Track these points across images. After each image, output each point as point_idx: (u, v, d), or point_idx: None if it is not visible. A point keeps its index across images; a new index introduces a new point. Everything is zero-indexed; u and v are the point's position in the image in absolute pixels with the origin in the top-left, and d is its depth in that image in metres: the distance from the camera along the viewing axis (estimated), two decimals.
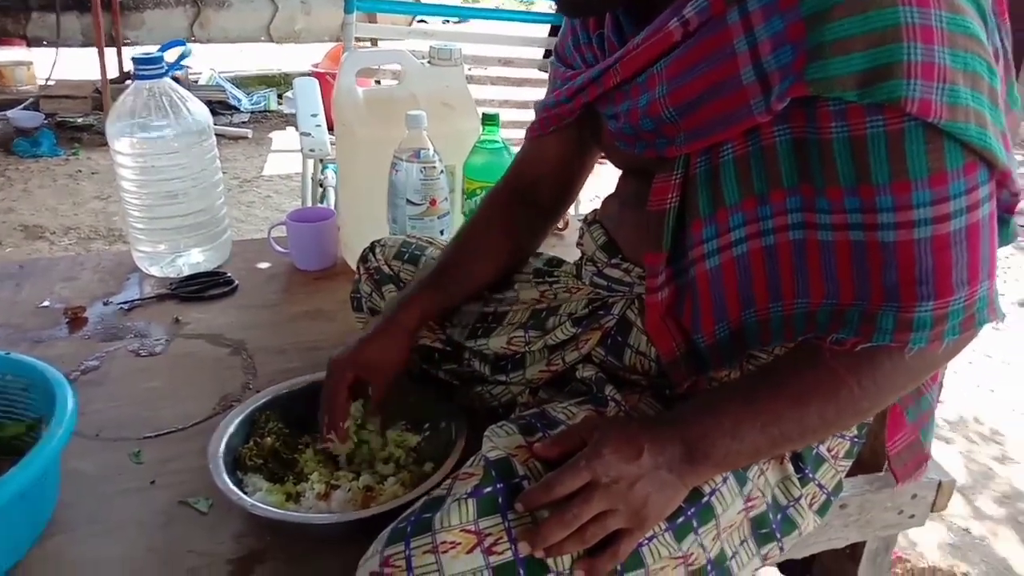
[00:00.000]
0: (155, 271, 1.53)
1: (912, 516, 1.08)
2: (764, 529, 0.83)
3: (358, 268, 1.20)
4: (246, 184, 3.89)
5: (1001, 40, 0.72)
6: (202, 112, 1.49)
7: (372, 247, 1.19)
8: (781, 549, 0.84)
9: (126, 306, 1.42)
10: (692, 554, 0.77)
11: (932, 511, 1.08)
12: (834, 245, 0.71)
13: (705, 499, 0.78)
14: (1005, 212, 0.75)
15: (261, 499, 0.88)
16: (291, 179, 3.84)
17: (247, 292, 1.50)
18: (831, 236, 0.71)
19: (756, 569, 0.84)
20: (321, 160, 2.04)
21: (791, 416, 0.74)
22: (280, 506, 0.88)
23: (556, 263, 1.08)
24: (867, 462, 1.08)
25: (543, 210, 1.09)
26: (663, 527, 0.76)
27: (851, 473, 1.10)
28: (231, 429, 0.96)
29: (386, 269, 1.15)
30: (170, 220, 1.50)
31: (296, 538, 0.90)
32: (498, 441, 0.78)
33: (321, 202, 2.24)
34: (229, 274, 1.53)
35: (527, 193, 1.07)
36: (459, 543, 0.71)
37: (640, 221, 0.85)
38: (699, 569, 0.79)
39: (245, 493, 0.89)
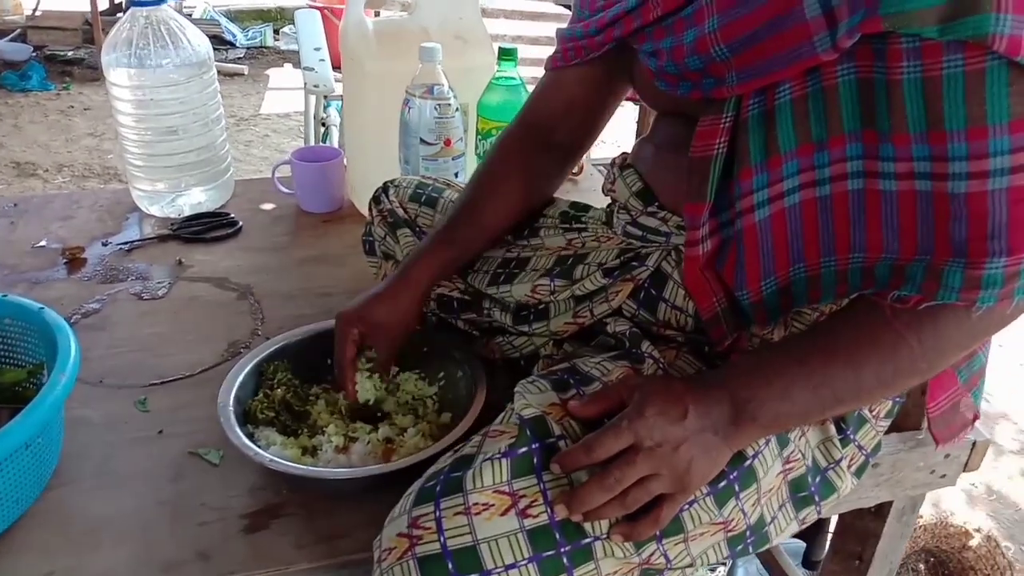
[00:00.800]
0: (155, 211, 1.47)
1: (944, 476, 1.05)
2: (803, 492, 0.79)
3: (370, 209, 1.14)
4: (243, 123, 3.79)
5: None
6: (203, 43, 1.41)
7: (385, 188, 1.13)
8: (819, 513, 0.81)
9: (126, 247, 1.36)
10: (732, 519, 0.74)
11: (964, 471, 1.05)
12: (897, 196, 0.66)
13: (748, 462, 0.74)
14: None
15: (276, 453, 0.85)
16: (290, 118, 3.74)
17: (251, 234, 1.44)
18: (895, 186, 0.66)
19: (792, 533, 0.81)
20: (324, 97, 1.96)
21: (846, 377, 0.70)
22: (297, 460, 0.85)
23: (583, 207, 1.02)
24: (900, 421, 1.05)
25: (561, 152, 1.02)
26: (704, 491, 0.72)
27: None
28: (239, 380, 0.91)
29: (400, 212, 1.09)
30: (170, 157, 1.44)
31: (314, 492, 0.86)
32: (531, 398, 0.74)
33: (323, 141, 2.17)
34: (232, 215, 1.47)
35: (544, 132, 1.00)
36: (492, 504, 0.67)
37: (680, 167, 0.79)
38: (738, 535, 0.75)
39: (258, 447, 0.85)
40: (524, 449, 0.69)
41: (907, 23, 0.59)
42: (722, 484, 0.73)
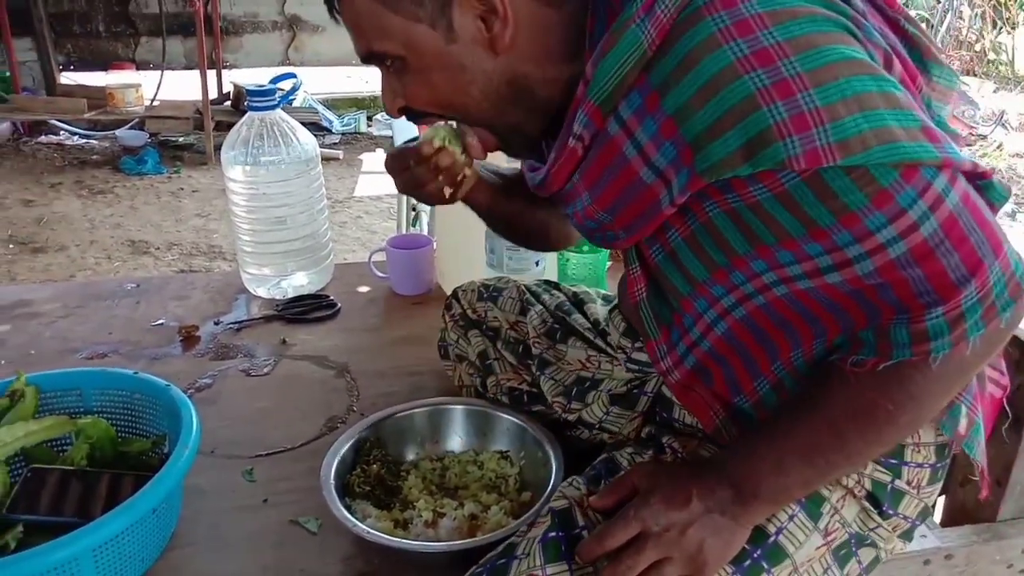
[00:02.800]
0: (262, 292, 1.60)
1: (1022, 571, 1.04)
2: (843, 551, 0.81)
3: (443, 317, 1.24)
4: (338, 205, 4.01)
5: (892, 32, 0.72)
6: (310, 142, 1.56)
7: (455, 295, 1.22)
8: (860, 565, 0.83)
9: (236, 326, 1.49)
10: None
11: None
12: (820, 289, 0.71)
13: (771, 539, 0.77)
14: (980, 178, 0.69)
15: (371, 525, 0.91)
16: (381, 200, 3.95)
17: (349, 315, 1.55)
18: (811, 283, 0.71)
19: None
20: None
21: (832, 444, 0.73)
22: (390, 533, 0.91)
23: (605, 331, 1.05)
24: (972, 511, 1.05)
25: None
26: (729, 571, 0.76)
27: (957, 522, 1.07)
28: (339, 456, 0.99)
29: (471, 314, 1.18)
30: (277, 244, 1.57)
31: (402, 564, 0.92)
32: (566, 491, 0.81)
33: (413, 226, 2.30)
34: (332, 297, 1.58)
35: None
36: None
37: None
38: None
39: (355, 519, 0.92)
40: (552, 535, 0.75)
41: (721, 172, 0.66)
42: (747, 563, 0.76)
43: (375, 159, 4.89)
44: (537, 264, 1.35)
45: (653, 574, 0.72)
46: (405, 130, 2.05)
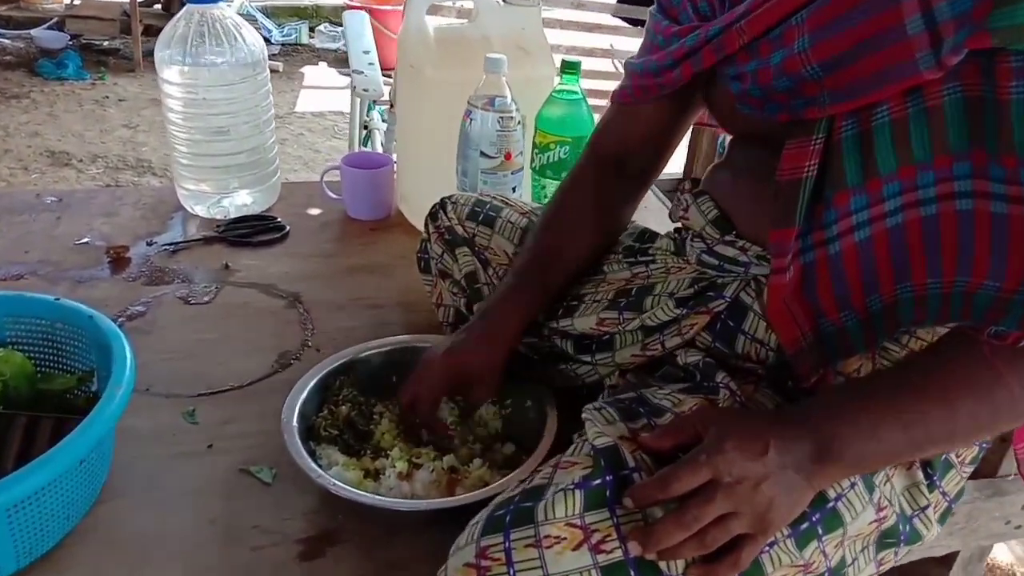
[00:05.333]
0: (200, 211, 1.44)
1: (1019, 527, 1.00)
2: (890, 539, 0.75)
3: (426, 226, 1.11)
4: (278, 120, 3.74)
5: None
6: (257, 43, 1.39)
7: (443, 204, 1.09)
8: (896, 556, 0.77)
9: (171, 248, 1.34)
10: (814, 562, 0.70)
11: None
12: (1007, 219, 0.62)
13: (831, 504, 0.70)
14: None
15: (337, 475, 0.81)
16: (324, 117, 3.72)
17: (298, 239, 1.41)
18: (1005, 208, 0.62)
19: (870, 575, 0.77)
20: (374, 101, 1.93)
21: (939, 417, 0.66)
22: (358, 484, 0.81)
23: (649, 237, 0.98)
24: (978, 467, 1.00)
25: (634, 182, 1.00)
26: (785, 533, 0.68)
27: None
28: (304, 395, 0.88)
29: (460, 230, 1.06)
30: (219, 158, 1.41)
31: (372, 519, 0.82)
32: (604, 428, 0.70)
33: (365, 145, 2.14)
34: (279, 219, 1.44)
35: (617, 165, 0.98)
36: (564, 538, 0.63)
37: (760, 194, 0.77)
38: None
39: (319, 466, 0.81)
40: (598, 481, 0.65)
41: (1018, 38, 0.56)
42: (804, 526, 0.69)
43: (318, 73, 4.61)
44: (514, 191, 1.23)
45: (717, 529, 0.63)
46: (357, 37, 1.87)
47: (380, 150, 2.06)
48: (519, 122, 1.19)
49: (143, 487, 0.86)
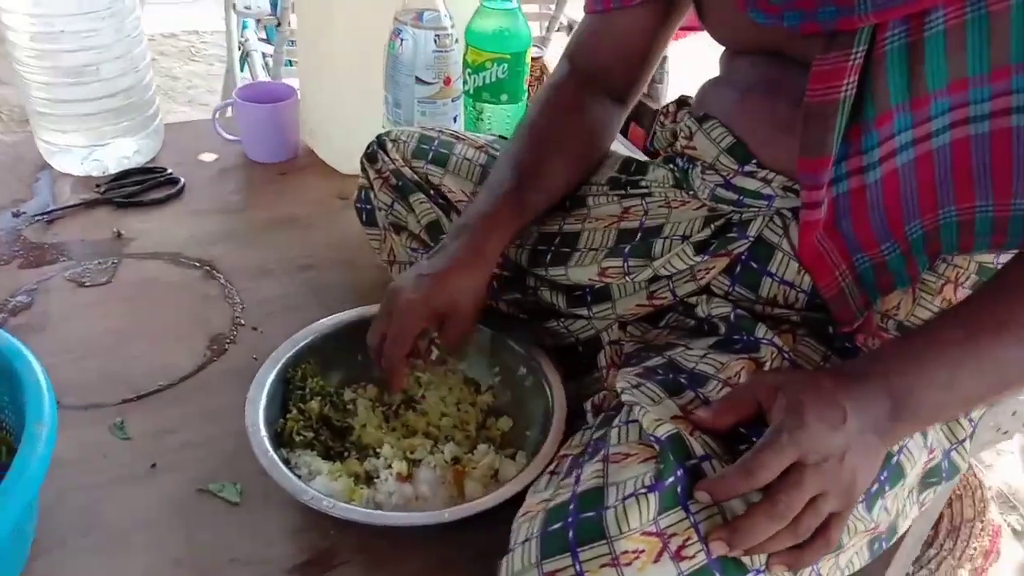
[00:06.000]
0: (71, 168, 1.21)
1: (1006, 432, 1.00)
2: (933, 479, 0.71)
3: (364, 170, 0.95)
4: None
5: None
6: None
7: (381, 143, 0.94)
8: (935, 493, 0.74)
9: (45, 217, 1.11)
10: (880, 522, 0.66)
11: None
12: None
13: (895, 459, 0.65)
14: None
15: (324, 487, 0.69)
16: (177, 38, 3.30)
17: (197, 193, 1.21)
18: None
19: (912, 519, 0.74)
20: (256, 20, 1.68)
21: (1016, 359, 0.60)
22: (350, 493, 0.69)
23: (637, 168, 0.87)
24: None
25: (617, 99, 0.89)
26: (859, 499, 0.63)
27: None
28: (265, 394, 0.73)
29: (408, 172, 0.91)
30: (84, 103, 1.17)
31: (372, 531, 0.71)
32: (655, 410, 0.61)
33: (241, 70, 1.89)
34: (169, 170, 1.23)
35: (598, 79, 0.87)
36: (642, 550, 0.55)
37: (777, 116, 0.69)
38: (878, 535, 0.67)
39: (296, 476, 0.68)
40: (671, 478, 0.57)
41: None
42: (874, 488, 0.63)
43: None
44: (455, 121, 1.08)
45: (810, 515, 0.56)
46: None
47: (262, 77, 1.82)
48: (456, 40, 1.04)
49: (80, 530, 0.70)
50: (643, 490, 0.56)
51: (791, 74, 0.69)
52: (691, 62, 1.75)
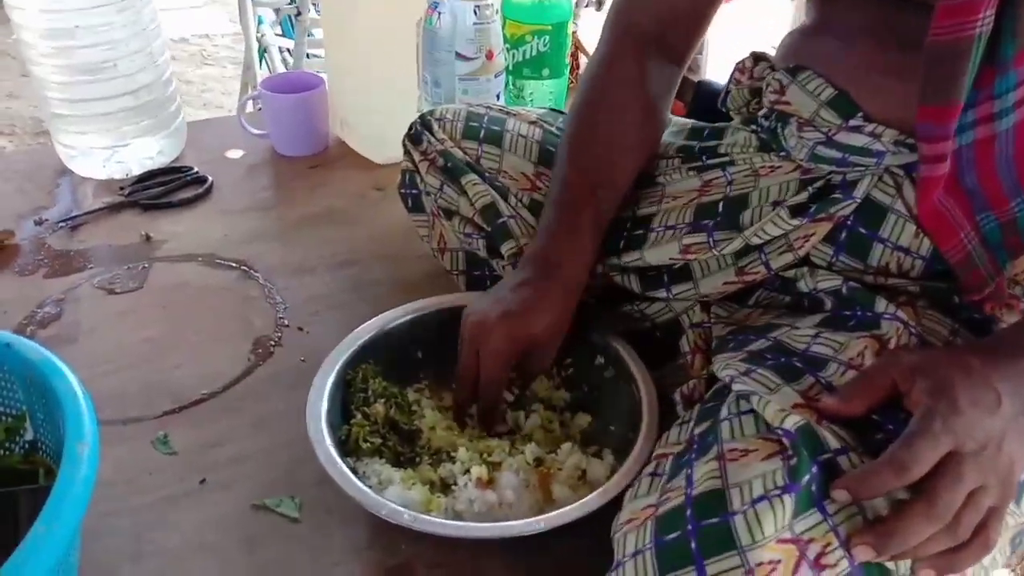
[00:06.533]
0: (93, 171, 1.15)
1: None
2: None
3: (407, 153, 0.88)
4: None
5: None
6: None
7: (425, 123, 0.87)
8: None
9: (68, 223, 1.05)
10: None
11: None
12: None
13: None
14: None
15: (399, 497, 0.62)
16: (188, 42, 3.24)
17: (226, 192, 1.15)
18: None
19: None
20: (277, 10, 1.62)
21: None
22: (427, 503, 0.62)
23: (711, 133, 0.80)
24: None
25: (671, 64, 0.81)
26: None
27: None
28: (326, 398, 0.66)
29: (458, 152, 0.84)
30: (102, 102, 1.11)
31: (446, 543, 0.64)
32: (776, 399, 0.54)
33: (260, 67, 1.83)
34: (196, 169, 1.17)
35: (652, 41, 0.79)
36: (778, 560, 0.47)
37: (892, 62, 0.62)
38: (1021, 530, 0.59)
39: (368, 487, 0.62)
40: (807, 477, 0.49)
41: None
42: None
43: None
44: (498, 98, 1.01)
45: (969, 511, 0.48)
46: None
47: (281, 71, 1.76)
48: (497, 11, 0.97)
49: (129, 556, 0.64)
50: (776, 491, 0.49)
51: (902, 14, 0.61)
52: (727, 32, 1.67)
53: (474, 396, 0.69)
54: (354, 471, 0.63)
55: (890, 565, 0.49)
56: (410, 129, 0.88)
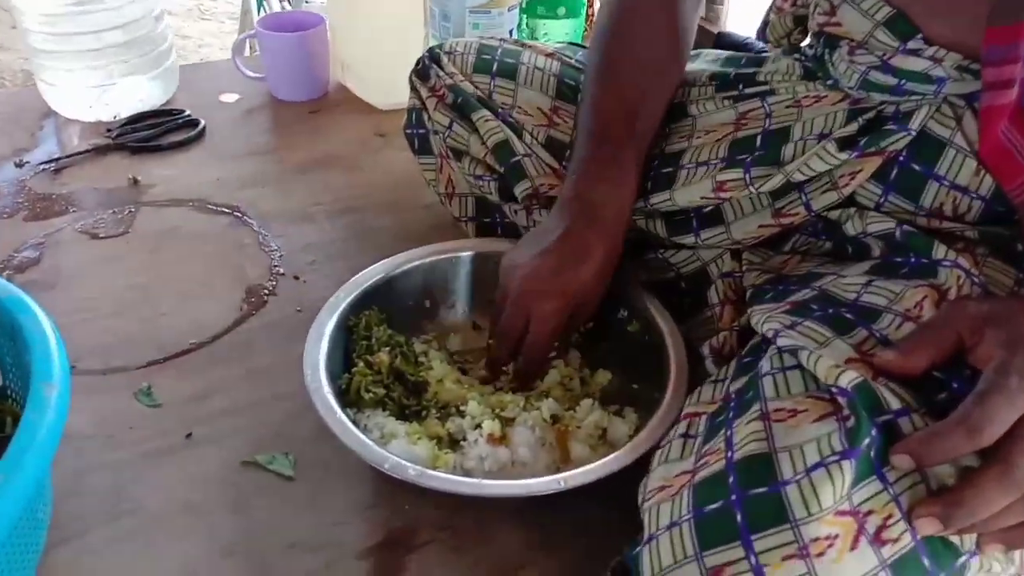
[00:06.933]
0: (77, 113, 1.09)
1: None
2: None
3: (414, 89, 0.82)
4: None
5: None
6: None
7: (434, 57, 0.80)
8: None
9: (51, 166, 0.99)
10: None
11: None
12: None
13: None
14: None
15: (403, 452, 0.56)
16: None
17: (220, 135, 1.08)
18: None
19: None
20: None
21: None
22: (434, 459, 0.57)
23: (748, 60, 0.73)
24: None
25: None
26: None
27: None
28: (325, 343, 0.61)
29: (468, 86, 0.77)
30: (88, 36, 1.04)
31: (450, 503, 0.58)
32: (827, 353, 0.48)
33: (258, 12, 1.76)
34: (188, 111, 1.10)
35: None
36: (836, 535, 0.42)
37: None
38: None
39: (370, 440, 0.56)
40: (867, 441, 0.43)
41: None
42: None
43: None
44: (511, 34, 0.94)
45: None
46: None
47: (271, 7, 1.68)
48: None
49: (106, 515, 0.58)
50: (833, 458, 0.43)
51: None
52: None
53: (516, 354, 0.64)
54: (355, 423, 0.57)
55: (954, 539, 0.43)
56: (417, 64, 0.81)
